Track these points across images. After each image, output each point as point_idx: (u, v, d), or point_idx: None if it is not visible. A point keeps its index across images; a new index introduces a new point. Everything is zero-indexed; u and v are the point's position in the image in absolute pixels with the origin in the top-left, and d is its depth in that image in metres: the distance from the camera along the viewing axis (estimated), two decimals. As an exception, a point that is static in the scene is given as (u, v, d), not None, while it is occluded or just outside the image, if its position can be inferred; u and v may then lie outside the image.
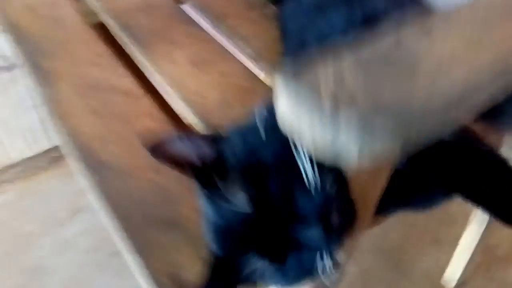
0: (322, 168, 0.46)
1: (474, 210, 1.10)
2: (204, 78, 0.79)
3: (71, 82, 0.77)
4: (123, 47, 0.90)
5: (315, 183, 0.46)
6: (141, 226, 0.57)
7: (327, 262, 0.48)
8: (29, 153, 1.52)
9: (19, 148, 1.50)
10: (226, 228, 0.50)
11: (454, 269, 1.24)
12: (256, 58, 0.83)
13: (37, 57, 0.82)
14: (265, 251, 0.48)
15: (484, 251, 1.32)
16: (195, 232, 0.57)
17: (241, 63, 0.83)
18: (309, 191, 0.46)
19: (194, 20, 0.97)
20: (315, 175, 0.46)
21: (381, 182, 0.53)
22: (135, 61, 0.87)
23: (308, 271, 0.49)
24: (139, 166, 0.65)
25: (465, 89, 0.36)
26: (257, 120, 0.51)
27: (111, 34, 0.94)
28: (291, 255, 0.49)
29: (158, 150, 0.50)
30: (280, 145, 0.48)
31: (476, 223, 1.10)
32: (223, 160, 0.50)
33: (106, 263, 1.29)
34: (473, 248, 1.15)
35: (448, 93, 0.35)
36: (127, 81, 0.78)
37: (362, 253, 1.33)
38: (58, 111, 0.71)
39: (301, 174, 0.46)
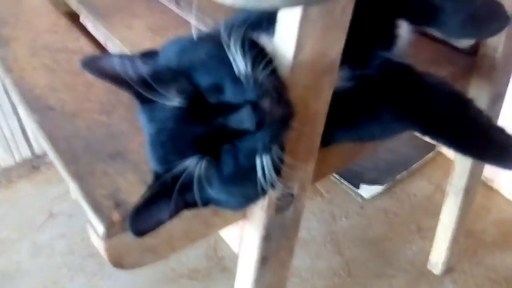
0: (255, 63, 0.46)
1: (447, 193, 1.09)
2: (160, 40, 0.79)
3: (27, 44, 0.78)
4: (82, 20, 0.91)
5: (246, 73, 0.45)
6: (85, 158, 0.56)
7: (265, 159, 0.46)
8: (9, 162, 1.52)
9: (-1, 157, 1.50)
10: (161, 132, 0.49)
11: (438, 254, 1.21)
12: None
13: (-4, 28, 0.82)
14: (198, 147, 0.47)
15: (470, 237, 1.30)
16: (140, 162, 0.56)
17: (200, 30, 0.83)
18: (240, 81, 0.45)
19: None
20: (246, 66, 0.45)
21: (325, 94, 0.52)
22: (92, 31, 0.88)
23: (246, 171, 0.47)
24: (87, 110, 0.64)
25: None
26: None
27: (75, 14, 0.95)
28: (227, 151, 0.47)
29: (92, 64, 0.49)
30: (211, 45, 0.48)
31: (450, 204, 1.09)
32: (158, 69, 0.50)
33: (81, 265, 1.28)
34: (451, 231, 1.13)
35: None
36: (80, 43, 0.79)
37: (345, 243, 1.31)
38: (13, 67, 0.71)
39: (232, 69, 0.46)
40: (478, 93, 0.82)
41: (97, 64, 0.50)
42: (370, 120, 0.61)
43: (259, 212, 0.58)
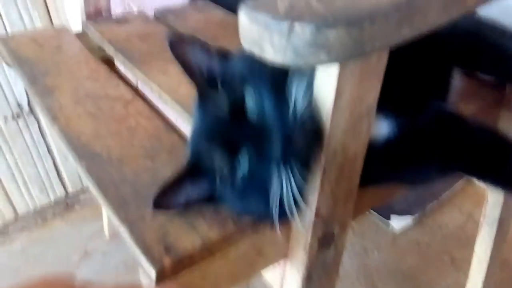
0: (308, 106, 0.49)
1: (481, 224, 1.08)
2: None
3: (69, 92, 0.81)
4: (120, 67, 0.95)
5: (297, 114, 0.48)
6: (134, 203, 0.58)
7: (285, 180, 0.50)
8: (44, 201, 1.56)
9: (35, 196, 1.54)
10: (204, 126, 0.56)
11: (474, 286, 1.19)
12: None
13: (39, 76, 0.87)
14: (229, 148, 0.52)
15: (505, 266, 1.29)
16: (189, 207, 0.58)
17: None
18: (287, 113, 0.49)
19: (188, 42, 1.03)
20: (301, 103, 0.49)
21: (363, 137, 0.54)
22: (130, 77, 0.92)
23: (261, 184, 0.52)
24: (132, 155, 0.67)
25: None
26: None
27: (110, 60, 0.99)
28: (249, 159, 0.52)
29: (178, 44, 0.55)
30: (279, 72, 0.51)
31: (484, 235, 1.08)
32: (226, 73, 0.54)
33: (117, 302, 1.29)
34: (486, 262, 1.11)
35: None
36: (120, 89, 0.82)
37: (378, 277, 1.30)
38: (58, 116, 0.75)
39: (287, 97, 0.49)
40: (508, 127, 0.83)
41: (182, 46, 0.55)
42: (414, 166, 0.62)
43: (300, 252, 0.59)
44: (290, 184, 0.51)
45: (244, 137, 0.51)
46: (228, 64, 0.56)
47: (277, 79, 0.51)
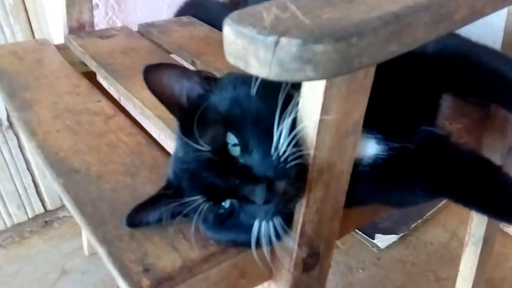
0: (293, 146, 0.48)
1: (466, 243, 1.08)
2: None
3: (49, 107, 0.79)
4: (102, 81, 0.93)
5: (280, 154, 0.47)
6: (112, 222, 0.57)
7: (264, 226, 0.49)
8: (21, 218, 1.52)
9: (12, 213, 1.50)
10: (184, 163, 0.52)
11: (459, 303, 1.18)
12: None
13: (18, 90, 0.85)
14: (208, 192, 0.50)
15: (490, 285, 1.28)
16: (166, 225, 0.56)
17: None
18: (271, 157, 0.47)
19: (171, 58, 1.02)
20: (285, 149, 0.47)
21: (349, 154, 0.53)
22: (112, 92, 0.90)
23: (241, 227, 0.51)
24: (112, 171, 0.65)
25: (402, 8, 0.37)
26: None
27: (92, 74, 0.98)
28: (230, 206, 0.50)
29: (154, 73, 0.53)
30: (264, 107, 0.50)
31: (469, 254, 1.07)
32: (207, 107, 0.52)
33: (95, 323, 1.25)
34: (471, 281, 1.11)
35: (385, 12, 0.36)
36: (101, 104, 0.80)
37: (363, 295, 1.29)
38: (36, 130, 0.72)
39: (271, 138, 0.47)
40: (492, 144, 0.83)
41: (158, 74, 0.53)
42: (401, 189, 0.61)
43: (285, 272, 0.58)
44: (270, 230, 0.50)
45: (225, 180, 0.49)
46: (210, 92, 0.54)
47: (261, 116, 0.49)
